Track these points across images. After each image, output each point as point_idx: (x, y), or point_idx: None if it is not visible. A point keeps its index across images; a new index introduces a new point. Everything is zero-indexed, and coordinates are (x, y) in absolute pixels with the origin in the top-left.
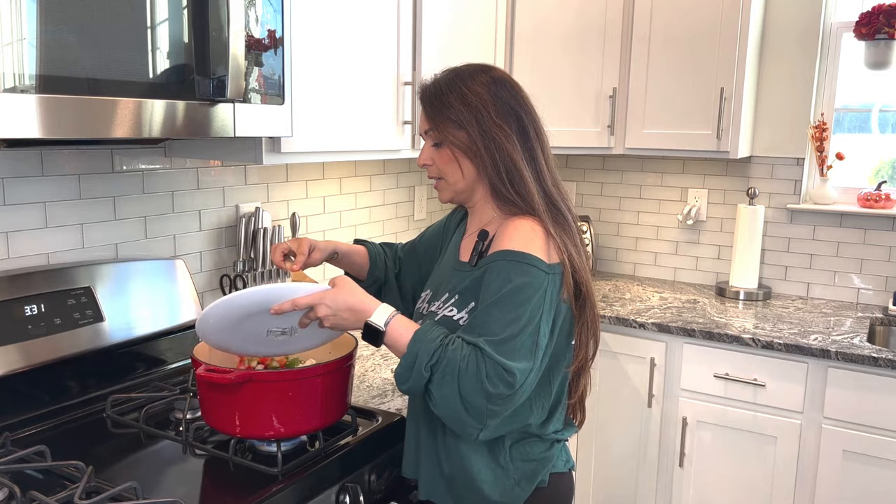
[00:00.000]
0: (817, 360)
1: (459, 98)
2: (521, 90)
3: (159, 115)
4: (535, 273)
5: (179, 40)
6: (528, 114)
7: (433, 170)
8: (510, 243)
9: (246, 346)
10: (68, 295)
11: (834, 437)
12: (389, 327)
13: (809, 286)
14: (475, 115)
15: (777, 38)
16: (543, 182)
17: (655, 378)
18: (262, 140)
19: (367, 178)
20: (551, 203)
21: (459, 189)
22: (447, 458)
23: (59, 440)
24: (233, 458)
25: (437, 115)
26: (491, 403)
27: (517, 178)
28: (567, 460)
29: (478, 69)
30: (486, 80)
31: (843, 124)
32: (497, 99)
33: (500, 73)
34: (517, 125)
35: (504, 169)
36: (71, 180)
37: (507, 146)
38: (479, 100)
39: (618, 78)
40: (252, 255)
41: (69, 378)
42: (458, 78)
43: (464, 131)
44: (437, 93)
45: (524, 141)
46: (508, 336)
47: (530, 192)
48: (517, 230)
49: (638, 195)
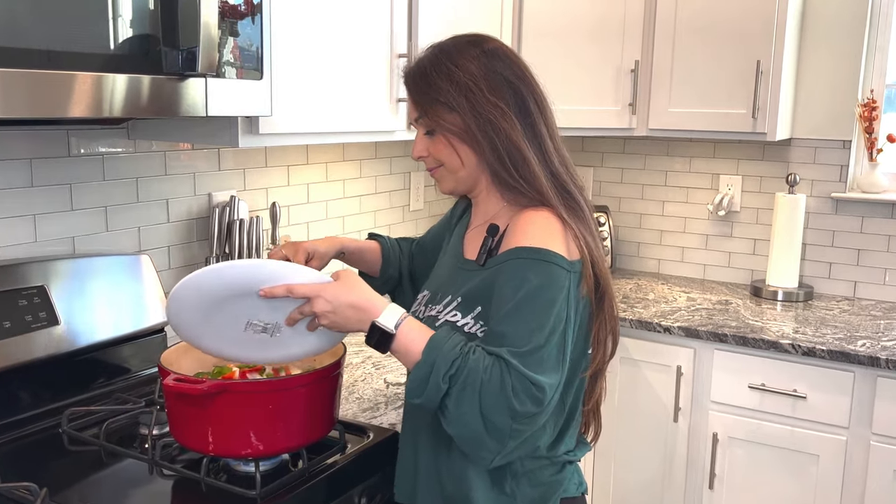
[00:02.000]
0: (865, 369)
1: (447, 77)
2: (517, 59)
3: (121, 91)
4: (557, 272)
5: (144, 7)
6: (526, 85)
7: (430, 160)
8: (525, 239)
9: (217, 342)
10: (19, 295)
11: (883, 454)
12: (400, 330)
13: (857, 285)
14: (465, 94)
15: (821, 4)
16: (550, 162)
17: (682, 389)
18: (238, 120)
19: (357, 164)
20: (561, 186)
21: (461, 177)
22: (449, 481)
23: (9, 458)
24: (205, 479)
25: (423, 99)
26: (516, 423)
27: (520, 161)
28: (580, 483)
29: (466, 42)
30: (476, 54)
31: (895, 103)
32: (490, 72)
33: (494, 44)
34: (515, 99)
35: (505, 152)
36: (22, 165)
37: (505, 126)
38: (468, 76)
39: (640, 50)
40: (227, 250)
41: (20, 389)
42: (443, 54)
43: (456, 114)
44: (422, 74)
45: (524, 117)
46: (535, 346)
47: (536, 177)
48: (532, 223)
49: (663, 182)
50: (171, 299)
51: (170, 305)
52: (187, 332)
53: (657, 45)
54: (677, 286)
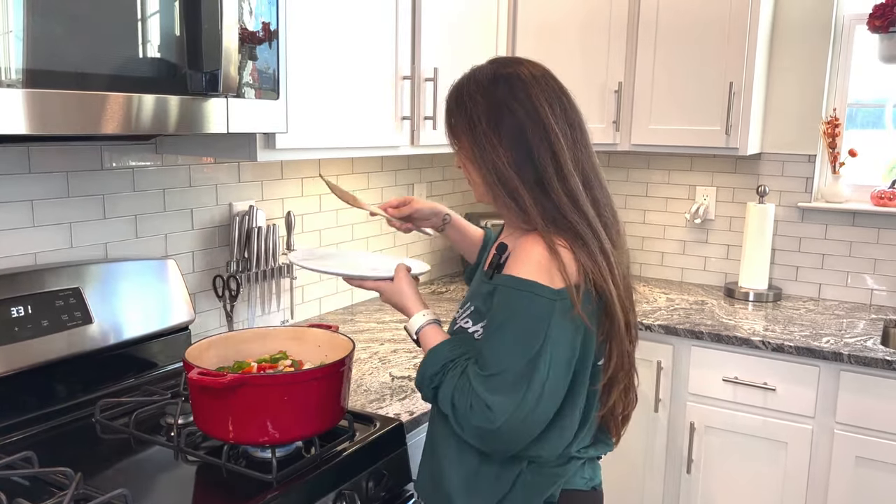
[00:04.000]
0: (829, 364)
1: (460, 106)
2: (524, 84)
3: (150, 110)
4: (538, 301)
5: (171, 33)
6: (527, 109)
7: (465, 172)
8: (516, 269)
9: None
10: (56, 296)
11: (846, 442)
12: (420, 336)
13: (821, 287)
14: (469, 124)
15: (788, 30)
16: (551, 190)
17: (662, 382)
18: (257, 136)
19: (365, 176)
20: (560, 214)
21: (482, 194)
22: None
23: (46, 446)
24: (226, 464)
25: (447, 125)
26: (476, 439)
27: (512, 190)
28: (591, 479)
29: (493, 65)
30: (487, 80)
31: (855, 120)
32: (494, 105)
33: (511, 71)
34: (513, 126)
35: (498, 181)
36: (59, 178)
37: (494, 157)
38: (473, 105)
39: (623, 72)
40: (246, 255)
41: (57, 382)
42: (465, 82)
43: (465, 139)
44: (448, 102)
45: (521, 149)
46: (498, 370)
47: (526, 206)
48: (524, 252)
49: (644, 193)
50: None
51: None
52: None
53: (639, 69)
54: (657, 288)
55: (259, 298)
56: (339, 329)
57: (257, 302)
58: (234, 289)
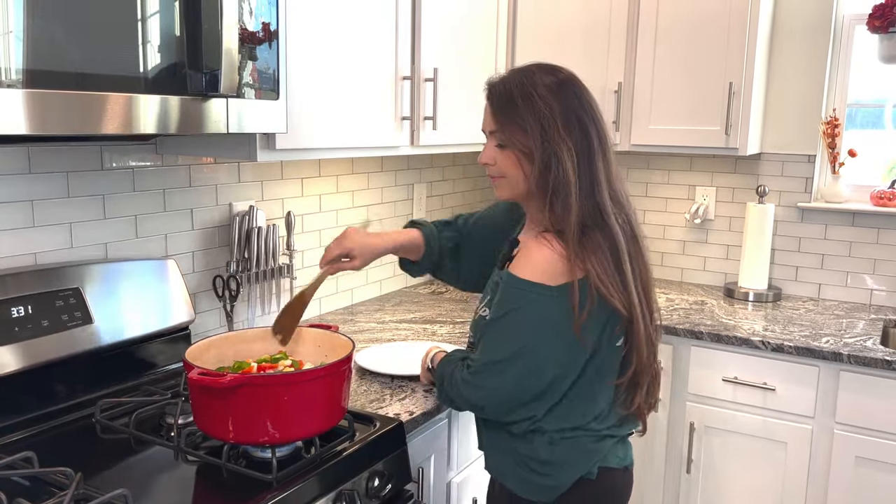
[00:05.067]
0: (829, 364)
1: (529, 102)
2: (586, 93)
3: (150, 110)
4: (534, 299)
5: (171, 33)
6: (593, 120)
7: (494, 169)
8: (518, 267)
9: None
10: (56, 296)
11: (846, 442)
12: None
13: (821, 287)
14: (541, 123)
15: (787, 30)
16: (596, 194)
17: (662, 382)
18: (256, 136)
19: (365, 176)
20: (591, 219)
21: (521, 191)
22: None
23: (46, 446)
24: (226, 464)
25: (504, 115)
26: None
27: (563, 194)
28: (624, 457)
29: (547, 70)
30: (554, 84)
31: (855, 120)
32: (565, 108)
33: (567, 75)
34: (582, 136)
35: (554, 183)
36: (59, 178)
37: (567, 162)
38: (547, 108)
39: (623, 72)
40: (246, 256)
41: (57, 381)
42: (527, 79)
43: (529, 137)
44: (508, 92)
45: (585, 154)
46: (490, 360)
47: (568, 209)
48: (529, 251)
49: (644, 193)
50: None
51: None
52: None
53: (638, 69)
54: (657, 288)
55: (259, 298)
56: (339, 329)
57: (257, 302)
58: (234, 289)
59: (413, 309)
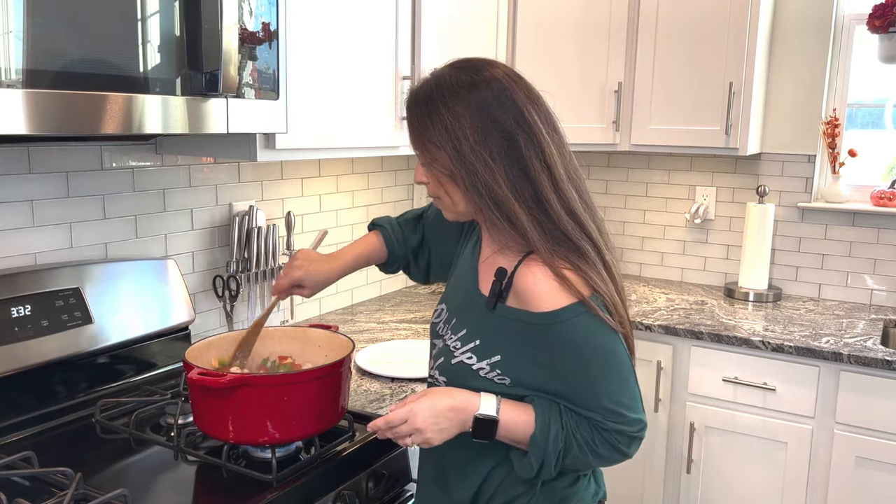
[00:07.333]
0: (829, 364)
1: (438, 120)
2: (513, 92)
3: (150, 110)
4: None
5: (171, 33)
6: (520, 121)
7: (430, 189)
8: (540, 301)
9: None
10: (56, 296)
11: (846, 442)
12: (502, 416)
13: (821, 287)
14: (452, 140)
15: (788, 30)
16: (548, 205)
17: (662, 382)
18: (256, 136)
19: (365, 176)
20: (558, 231)
21: (460, 212)
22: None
23: (46, 446)
24: (226, 464)
25: (416, 134)
26: (630, 449)
27: (506, 207)
28: (596, 492)
29: (466, 69)
30: (466, 86)
31: (855, 120)
32: (480, 119)
33: (488, 74)
34: (506, 146)
35: (489, 199)
36: (58, 178)
37: (487, 177)
38: (455, 121)
39: (623, 72)
40: (246, 255)
41: (57, 381)
42: (438, 92)
43: (444, 155)
44: (418, 110)
45: (514, 165)
46: (620, 400)
47: (521, 223)
48: (536, 282)
49: (644, 193)
50: None
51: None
52: None
53: (639, 69)
54: (657, 288)
55: (259, 298)
56: (339, 329)
57: (257, 302)
58: (234, 289)
59: (413, 309)
